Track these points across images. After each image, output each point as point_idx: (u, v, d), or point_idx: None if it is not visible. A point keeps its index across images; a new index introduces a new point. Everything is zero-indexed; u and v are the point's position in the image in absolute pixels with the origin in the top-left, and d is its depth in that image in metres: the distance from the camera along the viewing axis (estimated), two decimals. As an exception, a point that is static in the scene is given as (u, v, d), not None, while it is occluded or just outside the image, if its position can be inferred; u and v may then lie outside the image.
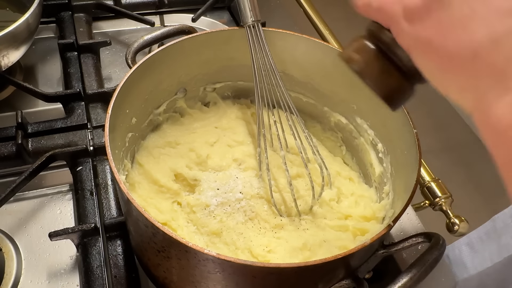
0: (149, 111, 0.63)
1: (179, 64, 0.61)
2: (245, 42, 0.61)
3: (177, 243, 0.40)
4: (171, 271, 0.48)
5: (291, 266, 0.40)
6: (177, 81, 0.64)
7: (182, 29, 0.64)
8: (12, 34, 0.68)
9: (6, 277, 0.58)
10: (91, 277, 0.56)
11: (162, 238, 0.42)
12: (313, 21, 0.96)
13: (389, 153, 0.60)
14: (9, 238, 0.62)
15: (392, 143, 0.59)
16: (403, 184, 0.53)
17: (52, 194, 0.68)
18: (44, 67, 0.87)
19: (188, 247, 0.39)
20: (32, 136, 0.69)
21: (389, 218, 0.54)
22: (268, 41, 0.61)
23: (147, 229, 0.43)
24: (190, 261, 0.43)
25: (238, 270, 0.41)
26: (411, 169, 0.51)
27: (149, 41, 0.62)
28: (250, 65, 0.64)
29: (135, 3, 0.97)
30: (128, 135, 0.58)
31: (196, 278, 0.46)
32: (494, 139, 0.28)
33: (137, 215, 0.42)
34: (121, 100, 0.52)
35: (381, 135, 0.62)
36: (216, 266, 0.42)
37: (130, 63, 0.58)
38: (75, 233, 0.58)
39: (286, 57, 0.65)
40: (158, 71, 0.59)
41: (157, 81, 0.60)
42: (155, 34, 0.62)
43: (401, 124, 0.55)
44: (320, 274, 0.45)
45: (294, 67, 0.66)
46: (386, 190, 0.60)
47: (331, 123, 0.69)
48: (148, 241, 0.46)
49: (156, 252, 0.46)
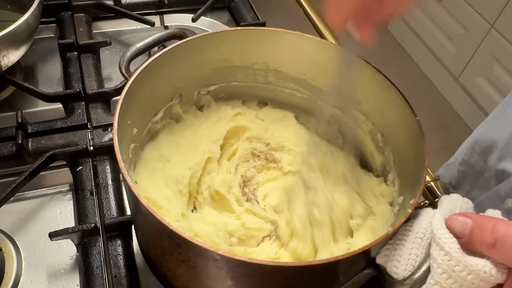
0: (148, 120, 0.62)
1: (174, 69, 0.61)
2: (238, 43, 0.62)
3: (206, 251, 0.39)
4: (195, 279, 0.48)
5: (321, 262, 0.40)
6: (173, 86, 0.64)
7: (174, 34, 0.64)
8: (12, 34, 0.68)
9: (6, 277, 0.58)
10: (91, 277, 0.56)
11: (187, 248, 0.42)
12: (313, 21, 0.96)
13: (389, 141, 0.60)
14: (9, 238, 0.62)
15: (392, 132, 0.59)
16: (409, 170, 0.53)
17: (52, 194, 0.68)
18: (44, 67, 0.87)
19: (218, 254, 0.39)
20: (32, 136, 0.69)
21: (399, 204, 0.54)
22: (261, 40, 0.61)
23: (171, 240, 0.43)
24: (220, 270, 0.43)
25: (269, 272, 0.41)
26: (416, 155, 0.51)
27: (141, 48, 0.61)
28: (243, 66, 0.64)
29: (135, 3, 0.97)
30: (131, 146, 0.57)
31: (224, 285, 0.46)
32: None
33: (160, 228, 0.42)
34: (124, 111, 0.52)
35: (380, 125, 0.62)
36: (246, 270, 0.42)
37: (125, 73, 0.58)
38: (75, 233, 0.58)
39: (280, 54, 0.65)
40: (154, 78, 0.58)
41: (154, 88, 0.60)
42: (147, 41, 0.61)
43: (400, 112, 0.55)
44: (345, 267, 0.46)
45: (288, 64, 0.66)
46: (391, 178, 0.60)
47: (326, 116, 0.69)
48: (171, 252, 0.46)
49: (180, 263, 0.46)
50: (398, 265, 0.44)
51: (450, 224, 0.42)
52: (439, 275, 0.40)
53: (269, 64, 0.67)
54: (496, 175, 0.69)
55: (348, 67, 0.55)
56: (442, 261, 0.40)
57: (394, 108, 0.57)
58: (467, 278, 0.38)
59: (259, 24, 0.93)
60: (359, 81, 0.59)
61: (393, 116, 0.57)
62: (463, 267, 0.38)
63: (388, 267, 0.44)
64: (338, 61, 0.57)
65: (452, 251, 0.40)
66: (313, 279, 0.45)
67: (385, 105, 0.58)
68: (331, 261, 0.40)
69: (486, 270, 0.38)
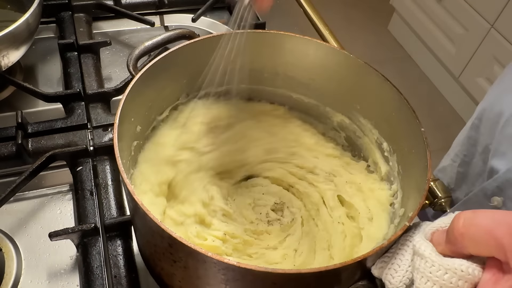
0: (153, 118, 0.62)
1: (181, 69, 0.61)
2: (247, 43, 0.61)
3: (196, 253, 0.39)
4: (187, 280, 0.48)
5: (312, 271, 0.40)
6: (180, 86, 0.64)
7: (183, 34, 0.64)
8: (12, 34, 0.68)
9: (6, 277, 0.58)
10: (91, 277, 0.56)
11: (179, 248, 0.42)
12: (313, 21, 0.96)
13: (395, 151, 0.60)
14: (9, 238, 0.62)
15: (398, 142, 0.59)
16: (412, 183, 0.53)
17: (52, 194, 0.68)
18: (44, 67, 0.86)
19: (207, 257, 0.39)
20: (32, 136, 0.69)
21: (400, 217, 0.54)
22: (272, 43, 0.61)
23: (162, 240, 0.43)
24: (208, 271, 0.43)
25: (259, 277, 0.41)
26: (420, 167, 0.50)
27: (150, 47, 0.61)
28: (252, 68, 0.63)
29: (135, 3, 0.97)
30: (134, 143, 0.57)
31: (216, 287, 0.46)
32: None
33: (153, 227, 0.42)
34: (127, 108, 0.52)
35: (386, 134, 0.61)
36: (236, 274, 0.42)
37: (132, 71, 0.58)
38: (75, 233, 0.58)
39: (289, 58, 0.65)
40: (160, 77, 0.58)
41: (160, 87, 0.60)
42: (155, 40, 0.61)
43: (406, 122, 0.55)
44: (340, 277, 0.46)
45: (297, 68, 0.66)
46: (394, 189, 0.59)
47: (333, 123, 0.69)
48: (163, 252, 0.46)
49: (172, 262, 0.46)
50: (394, 275, 0.43)
51: (433, 236, 0.42)
52: (418, 280, 0.40)
53: (278, 68, 0.66)
54: (488, 173, 0.69)
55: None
56: (419, 266, 0.40)
57: (400, 117, 0.56)
58: (444, 278, 0.38)
59: (259, 24, 0.93)
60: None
61: (399, 125, 0.57)
62: (438, 266, 0.38)
63: (384, 277, 0.44)
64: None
65: (426, 253, 0.39)
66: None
67: (392, 114, 0.58)
68: (321, 270, 0.39)
69: (463, 268, 0.37)
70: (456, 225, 0.37)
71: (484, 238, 0.35)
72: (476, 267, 0.37)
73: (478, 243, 0.36)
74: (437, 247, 0.40)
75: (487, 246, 0.35)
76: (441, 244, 0.40)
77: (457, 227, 0.37)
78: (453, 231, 0.37)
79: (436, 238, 0.41)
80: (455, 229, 0.37)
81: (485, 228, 0.35)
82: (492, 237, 0.34)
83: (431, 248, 0.40)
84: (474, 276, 0.37)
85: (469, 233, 0.36)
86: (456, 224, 0.37)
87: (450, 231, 0.38)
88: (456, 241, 0.37)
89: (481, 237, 0.35)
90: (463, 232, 0.36)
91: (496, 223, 0.34)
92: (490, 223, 0.35)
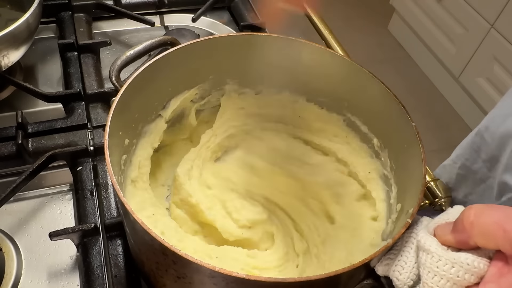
0: (139, 130, 0.61)
1: (166, 77, 0.60)
2: (232, 48, 0.61)
3: (204, 269, 0.39)
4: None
5: (322, 277, 0.40)
6: (164, 94, 0.63)
7: (164, 41, 0.63)
8: (12, 34, 0.68)
9: (6, 277, 0.58)
10: (91, 277, 0.56)
11: (183, 264, 0.42)
12: (313, 21, 0.96)
13: (386, 147, 0.60)
14: (9, 238, 0.62)
15: (389, 138, 0.59)
16: (408, 178, 0.53)
17: (52, 194, 0.68)
18: (44, 67, 0.87)
19: (215, 272, 0.39)
20: (32, 136, 0.69)
21: (397, 212, 0.54)
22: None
23: (166, 257, 0.43)
24: (217, 285, 0.42)
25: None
26: (415, 162, 0.50)
27: (132, 56, 0.60)
28: (239, 71, 0.63)
29: (135, 3, 0.97)
30: (123, 157, 0.56)
31: None
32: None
33: (155, 244, 0.41)
34: (116, 122, 0.50)
35: (376, 130, 0.62)
36: (245, 286, 0.41)
37: (115, 82, 0.56)
38: (75, 233, 0.58)
39: (275, 59, 0.63)
40: (146, 87, 0.57)
41: (146, 97, 0.58)
42: (137, 49, 0.60)
43: (396, 118, 0.55)
44: (346, 279, 0.46)
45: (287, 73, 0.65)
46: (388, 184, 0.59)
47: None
48: (166, 268, 0.45)
49: (176, 279, 0.46)
50: (402, 272, 0.43)
51: (436, 229, 0.42)
52: (425, 275, 0.40)
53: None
54: (499, 186, 0.69)
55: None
56: (426, 261, 0.40)
57: (389, 113, 0.56)
58: (451, 271, 0.38)
59: (260, 24, 0.93)
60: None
61: (390, 121, 0.57)
62: (445, 260, 0.38)
63: (391, 274, 0.44)
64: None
65: (432, 248, 0.40)
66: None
67: (381, 110, 0.58)
68: (330, 275, 0.39)
69: (469, 262, 0.37)
70: (467, 214, 0.37)
71: (493, 228, 0.35)
72: (482, 260, 0.37)
73: (486, 233, 0.36)
74: (441, 238, 0.40)
75: (495, 238, 0.35)
76: (445, 235, 0.40)
77: (467, 216, 0.37)
78: (463, 220, 0.37)
79: (441, 230, 0.41)
80: (465, 218, 0.37)
81: (496, 219, 0.35)
82: (501, 228, 0.34)
83: (436, 243, 0.40)
84: (480, 270, 0.37)
85: (478, 222, 0.36)
86: (466, 213, 0.37)
87: (459, 220, 0.38)
88: (464, 230, 0.37)
89: (490, 227, 0.35)
90: (472, 221, 0.37)
91: (507, 217, 0.35)
92: (501, 216, 0.35)
